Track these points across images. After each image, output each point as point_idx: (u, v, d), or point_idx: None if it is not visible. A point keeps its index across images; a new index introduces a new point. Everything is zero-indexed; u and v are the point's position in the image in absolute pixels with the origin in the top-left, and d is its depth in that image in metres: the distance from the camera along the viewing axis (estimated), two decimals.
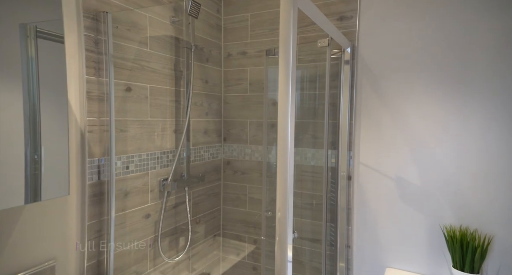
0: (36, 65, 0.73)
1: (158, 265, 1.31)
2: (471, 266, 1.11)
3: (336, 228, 1.46)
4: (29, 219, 0.85)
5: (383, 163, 1.38)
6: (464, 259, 1.12)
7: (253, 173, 1.69)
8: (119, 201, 1.13)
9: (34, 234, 0.86)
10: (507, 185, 1.15)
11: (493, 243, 1.15)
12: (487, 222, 1.17)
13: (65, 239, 0.94)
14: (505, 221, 1.14)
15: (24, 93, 0.71)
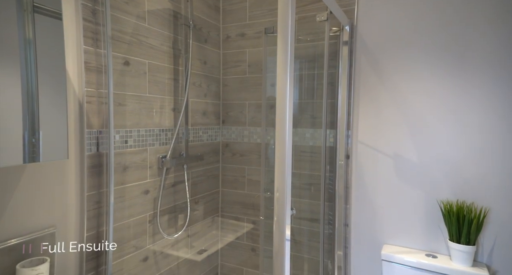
0: (33, 32, 0.73)
1: (157, 241, 1.32)
2: (467, 238, 1.12)
3: (334, 207, 1.47)
4: (29, 182, 0.85)
5: (381, 141, 1.38)
6: (461, 232, 1.13)
7: (252, 155, 1.69)
8: (118, 174, 1.13)
9: (34, 199, 0.86)
10: (503, 159, 1.16)
11: (489, 215, 1.16)
12: (483, 196, 1.18)
13: (65, 208, 0.95)
14: (501, 194, 1.15)
15: (22, 60, 0.71)
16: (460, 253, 1.12)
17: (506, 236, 1.15)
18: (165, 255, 1.37)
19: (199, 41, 1.57)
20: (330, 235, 1.51)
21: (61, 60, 0.82)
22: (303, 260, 1.57)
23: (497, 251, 1.16)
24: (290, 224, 1.59)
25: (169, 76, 1.36)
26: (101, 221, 1.06)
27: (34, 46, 0.73)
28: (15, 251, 0.80)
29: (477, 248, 1.18)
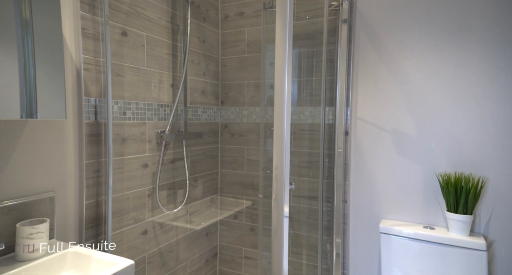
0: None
1: (156, 215, 1.32)
2: (464, 207, 1.12)
3: (333, 184, 1.47)
4: (28, 144, 0.85)
5: (380, 117, 1.38)
6: (458, 202, 1.14)
7: (251, 135, 1.70)
8: (117, 145, 1.13)
9: (33, 162, 0.86)
10: (502, 130, 1.16)
11: (486, 186, 1.17)
12: (481, 167, 1.18)
13: (63, 173, 0.95)
14: (499, 165, 1.16)
15: (17, 20, 0.70)
16: (457, 222, 1.13)
17: (503, 207, 1.16)
18: (165, 230, 1.37)
19: (198, 19, 1.55)
20: (328, 212, 1.52)
21: (58, 22, 0.81)
22: (302, 238, 1.59)
23: (493, 222, 1.17)
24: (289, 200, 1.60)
25: (167, 51, 1.36)
26: (100, 190, 1.06)
27: (30, 7, 0.73)
28: (14, 211, 0.80)
29: (474, 218, 1.18)
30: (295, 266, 1.60)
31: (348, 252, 1.46)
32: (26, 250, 0.75)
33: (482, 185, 1.13)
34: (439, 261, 1.14)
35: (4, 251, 0.78)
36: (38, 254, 0.77)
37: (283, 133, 0.82)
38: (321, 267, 1.52)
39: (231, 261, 1.76)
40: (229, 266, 1.76)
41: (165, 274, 1.38)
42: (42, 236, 0.78)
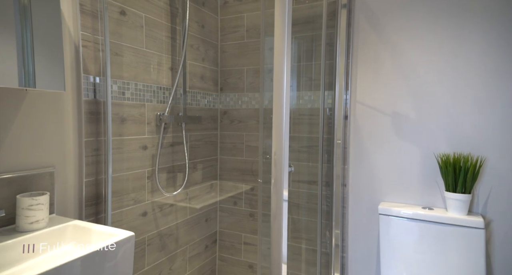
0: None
1: (156, 198, 1.32)
2: (463, 186, 1.13)
3: (332, 168, 1.48)
4: (27, 117, 0.85)
5: (379, 100, 1.38)
6: (457, 181, 1.14)
7: (250, 121, 1.70)
8: (116, 125, 1.13)
9: (32, 136, 0.86)
10: (501, 110, 1.16)
11: (485, 166, 1.18)
12: (480, 147, 1.19)
13: (63, 149, 0.95)
14: (497, 145, 1.17)
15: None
16: (456, 202, 1.14)
17: (501, 187, 1.16)
18: (164, 213, 1.38)
19: (197, 3, 1.55)
20: (328, 196, 1.52)
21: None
22: (301, 223, 1.59)
23: (491, 202, 1.18)
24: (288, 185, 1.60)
25: (166, 34, 1.35)
26: (99, 169, 1.06)
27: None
28: (14, 183, 0.80)
29: (472, 198, 1.19)
30: (294, 250, 1.60)
31: (347, 235, 1.47)
32: (26, 221, 0.76)
33: (480, 165, 1.13)
34: (438, 240, 1.15)
35: (4, 222, 0.78)
36: (38, 225, 0.77)
37: (282, 118, 0.82)
38: (320, 251, 1.53)
39: (230, 247, 1.76)
40: (228, 252, 1.77)
41: (165, 257, 1.39)
42: (42, 208, 0.78)
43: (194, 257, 1.59)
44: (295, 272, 1.59)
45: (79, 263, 0.63)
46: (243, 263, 1.73)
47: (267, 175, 1.63)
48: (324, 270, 1.51)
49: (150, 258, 1.30)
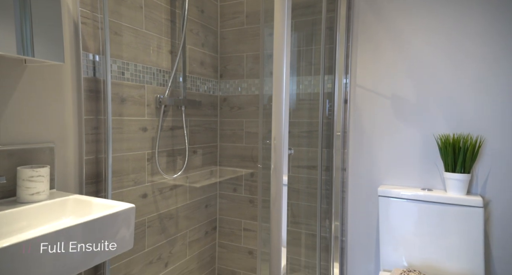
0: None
1: (156, 181, 1.33)
2: (462, 166, 1.13)
3: (332, 152, 1.48)
4: (27, 90, 0.85)
5: (379, 83, 1.38)
6: (456, 161, 1.15)
7: (250, 107, 1.69)
8: (116, 105, 1.13)
9: (32, 109, 0.86)
10: (500, 91, 1.16)
11: (484, 146, 1.18)
12: (479, 128, 1.19)
13: (63, 125, 0.95)
14: (497, 126, 1.17)
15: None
16: (455, 182, 1.14)
17: (500, 167, 1.17)
18: (164, 196, 1.38)
19: None
20: (327, 181, 1.53)
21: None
22: (300, 208, 1.60)
23: (490, 182, 1.18)
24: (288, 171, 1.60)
25: (165, 16, 1.35)
26: (99, 148, 1.06)
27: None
28: (14, 156, 0.80)
29: (471, 179, 1.20)
30: (294, 235, 1.61)
31: (346, 219, 1.47)
32: (27, 192, 0.76)
33: (480, 145, 1.14)
34: (437, 220, 1.16)
35: (5, 194, 0.78)
36: (39, 197, 0.77)
37: (282, 104, 0.82)
38: (320, 235, 1.54)
39: (230, 233, 1.77)
40: (228, 238, 1.78)
41: (165, 240, 1.39)
42: (43, 180, 0.78)
43: (194, 242, 1.59)
44: (295, 256, 1.60)
45: (80, 229, 0.63)
46: (243, 249, 1.74)
47: (267, 161, 1.63)
48: (324, 254, 1.52)
49: (150, 240, 1.31)
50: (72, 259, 0.62)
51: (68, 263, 0.61)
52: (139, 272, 1.25)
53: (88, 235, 0.65)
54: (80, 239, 0.63)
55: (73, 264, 0.62)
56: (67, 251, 0.60)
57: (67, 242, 0.61)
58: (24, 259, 0.53)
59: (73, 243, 0.62)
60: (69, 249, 0.61)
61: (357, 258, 1.45)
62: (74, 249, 0.62)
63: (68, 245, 0.61)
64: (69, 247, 0.61)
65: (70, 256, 0.61)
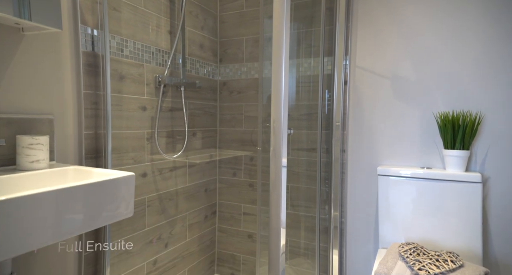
0: None
1: (155, 161, 1.33)
2: (461, 143, 1.14)
3: (331, 134, 1.48)
4: (24, 59, 0.84)
5: (379, 63, 1.38)
6: (455, 138, 1.15)
7: (249, 91, 1.69)
8: (115, 81, 1.12)
9: (30, 80, 0.86)
10: (500, 68, 1.16)
11: (484, 123, 1.18)
12: (479, 105, 1.19)
13: (61, 98, 0.94)
14: (496, 103, 1.17)
15: None
16: (454, 158, 1.15)
17: (499, 145, 1.17)
18: (164, 177, 1.38)
19: None
20: (327, 163, 1.53)
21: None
22: (300, 190, 1.60)
23: (489, 160, 1.19)
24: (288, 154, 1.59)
25: None
26: (99, 123, 1.06)
27: None
28: (14, 124, 0.80)
29: (470, 156, 1.20)
30: (293, 218, 1.62)
31: (346, 201, 1.48)
32: (27, 159, 0.76)
33: (479, 122, 1.14)
34: (436, 197, 1.16)
35: (5, 162, 0.78)
36: (39, 165, 0.77)
37: (281, 86, 0.82)
38: (319, 217, 1.54)
39: (230, 218, 1.77)
40: (228, 223, 1.78)
41: (165, 221, 1.40)
42: (42, 148, 0.78)
43: (194, 225, 1.60)
44: (294, 239, 1.61)
45: (81, 190, 0.63)
46: (242, 233, 1.75)
47: (267, 145, 1.63)
48: (323, 236, 1.53)
49: (150, 219, 1.31)
50: (73, 219, 0.62)
51: (69, 222, 0.61)
52: (139, 250, 1.26)
53: (89, 197, 0.65)
54: (82, 200, 0.63)
55: (75, 224, 0.62)
56: (69, 210, 0.61)
57: (69, 201, 0.61)
58: (24, 214, 0.53)
59: (74, 203, 0.62)
60: (71, 208, 0.61)
61: (356, 239, 1.46)
62: (75, 209, 0.62)
63: (70, 204, 0.61)
64: (70, 206, 0.61)
65: (72, 216, 0.61)
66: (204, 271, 1.69)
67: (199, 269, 1.65)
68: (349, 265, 1.48)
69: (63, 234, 0.60)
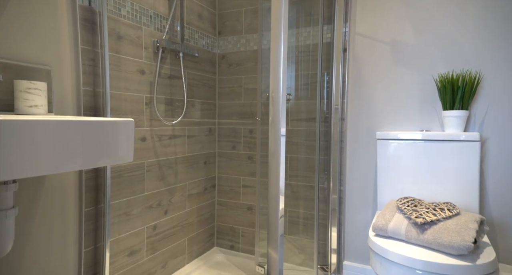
0: None
1: (154, 127, 1.33)
2: (460, 102, 1.14)
3: (330, 103, 1.48)
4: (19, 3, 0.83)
5: (379, 29, 1.37)
6: (455, 98, 1.15)
7: (248, 63, 1.68)
8: (113, 41, 1.11)
9: (26, 28, 0.85)
10: (500, 29, 1.16)
11: (483, 84, 1.18)
12: (478, 64, 1.19)
13: (59, 51, 0.93)
14: (496, 64, 1.17)
15: None
16: (453, 119, 1.15)
17: (497, 105, 1.17)
18: (164, 144, 1.38)
19: None
20: (326, 132, 1.53)
21: None
22: (300, 161, 1.61)
23: (488, 120, 1.19)
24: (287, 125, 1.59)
25: None
26: (97, 81, 1.05)
27: None
28: (11, 70, 0.79)
29: (469, 117, 1.20)
30: (293, 188, 1.63)
31: (345, 169, 1.48)
32: (25, 104, 0.75)
33: (478, 81, 1.14)
34: (434, 158, 1.17)
35: (4, 107, 0.78)
36: (38, 110, 0.77)
37: (280, 56, 0.81)
38: (318, 187, 1.55)
39: (229, 191, 1.78)
40: (227, 196, 1.79)
41: (164, 188, 1.40)
42: (41, 94, 0.78)
43: (193, 196, 1.61)
44: (293, 209, 1.62)
45: (82, 126, 0.63)
46: (242, 205, 1.76)
47: (266, 117, 1.63)
48: (322, 204, 1.54)
49: (150, 184, 1.32)
50: (74, 153, 0.62)
51: (70, 155, 0.61)
52: (139, 213, 1.26)
53: (89, 134, 0.65)
54: (82, 135, 0.63)
55: (76, 158, 0.62)
56: (69, 143, 0.61)
57: (70, 133, 0.61)
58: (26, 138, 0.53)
59: (75, 136, 0.62)
60: (72, 141, 0.61)
61: (355, 206, 1.48)
62: (76, 143, 0.62)
63: (71, 136, 0.61)
64: (71, 138, 0.61)
65: (72, 149, 0.61)
66: (203, 242, 1.70)
67: (199, 240, 1.66)
68: (347, 232, 1.49)
69: (64, 166, 0.60)
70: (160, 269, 1.39)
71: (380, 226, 0.92)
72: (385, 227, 0.92)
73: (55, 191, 0.93)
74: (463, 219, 0.84)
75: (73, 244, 0.99)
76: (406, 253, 0.81)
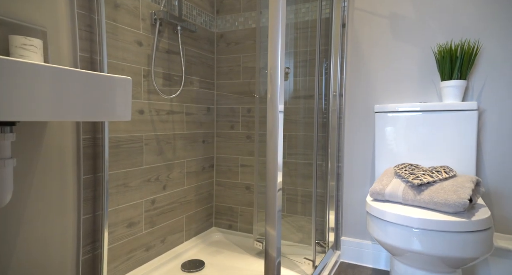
0: None
1: (152, 100, 1.32)
2: (458, 72, 1.14)
3: (329, 79, 1.48)
4: None
5: (377, 2, 1.36)
6: (453, 69, 1.15)
7: (247, 41, 1.67)
8: (110, 8, 1.10)
9: None
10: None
11: (481, 54, 1.18)
12: (477, 33, 1.19)
13: (54, 12, 0.92)
14: (495, 34, 1.17)
15: None
16: (451, 89, 1.15)
17: (496, 76, 1.18)
18: (162, 119, 1.38)
19: None
20: (324, 109, 1.53)
21: None
22: (298, 138, 1.61)
23: (486, 91, 1.19)
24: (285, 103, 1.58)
25: None
26: (94, 48, 1.04)
27: None
28: (6, 27, 0.78)
29: (467, 87, 1.20)
30: (291, 166, 1.63)
31: (343, 145, 1.49)
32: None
33: (476, 51, 1.14)
34: (432, 129, 1.17)
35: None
36: None
37: (278, 32, 0.80)
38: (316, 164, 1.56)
39: (227, 171, 1.79)
40: (225, 176, 1.80)
41: (163, 163, 1.40)
42: (36, 51, 0.77)
43: (191, 174, 1.61)
44: (292, 187, 1.63)
45: (77, 75, 0.63)
46: (240, 185, 1.76)
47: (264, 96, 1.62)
48: (320, 181, 1.55)
49: (148, 158, 1.31)
50: (73, 103, 0.61)
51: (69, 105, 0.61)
52: (137, 186, 1.26)
53: (87, 87, 0.64)
54: (80, 86, 0.63)
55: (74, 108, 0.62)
56: (67, 91, 0.60)
57: (68, 82, 0.60)
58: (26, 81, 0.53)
59: (73, 86, 0.61)
60: (70, 90, 0.60)
61: (353, 182, 1.48)
62: (74, 92, 0.61)
63: (69, 85, 0.60)
64: (69, 87, 0.60)
65: (70, 98, 0.61)
66: (202, 222, 1.71)
67: (197, 219, 1.67)
68: (345, 208, 1.50)
69: (62, 113, 0.59)
70: (159, 244, 1.39)
71: (378, 190, 0.93)
72: (382, 191, 0.92)
73: (54, 152, 0.92)
74: (459, 179, 0.85)
75: (72, 210, 0.99)
76: (403, 212, 0.82)
